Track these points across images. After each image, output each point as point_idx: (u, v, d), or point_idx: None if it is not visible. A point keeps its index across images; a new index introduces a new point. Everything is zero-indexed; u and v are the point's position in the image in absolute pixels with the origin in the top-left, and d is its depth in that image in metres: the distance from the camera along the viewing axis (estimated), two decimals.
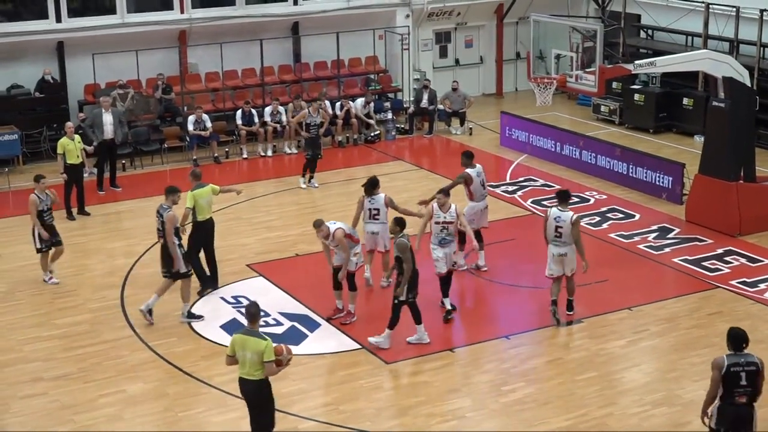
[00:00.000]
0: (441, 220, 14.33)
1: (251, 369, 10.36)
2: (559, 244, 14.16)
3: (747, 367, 9.69)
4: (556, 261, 14.26)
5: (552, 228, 14.16)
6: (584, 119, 25.89)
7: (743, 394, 9.72)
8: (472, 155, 16.46)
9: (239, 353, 10.38)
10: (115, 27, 23.44)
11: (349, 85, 25.87)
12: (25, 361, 13.40)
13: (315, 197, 20.27)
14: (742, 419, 9.81)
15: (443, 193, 14.56)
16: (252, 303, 10.73)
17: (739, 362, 9.69)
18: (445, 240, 14.39)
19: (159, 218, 14.19)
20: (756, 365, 9.72)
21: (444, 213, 14.35)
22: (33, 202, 15.63)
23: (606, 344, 13.78)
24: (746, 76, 17.71)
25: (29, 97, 22.89)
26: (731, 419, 9.80)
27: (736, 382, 9.67)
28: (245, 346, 10.34)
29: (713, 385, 9.78)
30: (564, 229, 14.05)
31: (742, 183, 17.81)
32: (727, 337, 9.95)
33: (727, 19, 23.55)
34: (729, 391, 9.71)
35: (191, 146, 22.51)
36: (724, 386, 9.72)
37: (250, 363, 10.33)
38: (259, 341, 10.30)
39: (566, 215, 14.12)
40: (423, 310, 13.66)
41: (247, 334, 10.41)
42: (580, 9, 28.17)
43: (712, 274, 16.08)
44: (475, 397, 12.42)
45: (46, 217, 15.75)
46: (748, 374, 9.67)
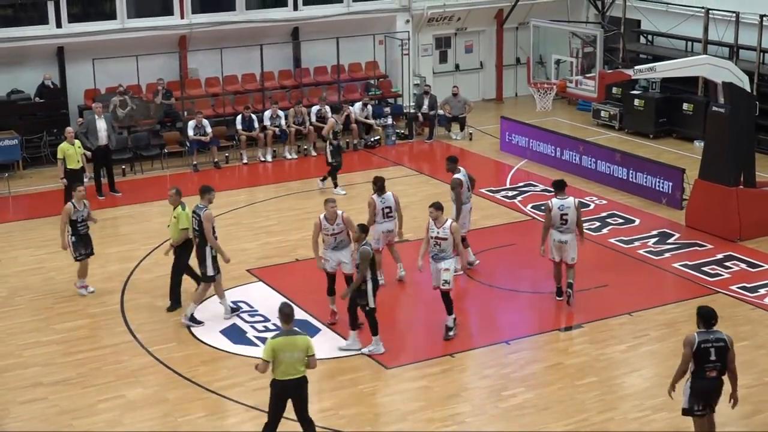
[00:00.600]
0: (434, 235, 13.88)
1: (292, 368, 10.43)
2: (563, 231, 14.72)
3: (716, 343, 10.27)
4: (556, 247, 14.84)
5: (558, 217, 14.67)
6: (584, 124, 25.89)
7: (713, 368, 10.28)
8: (456, 159, 16.50)
9: (280, 356, 10.38)
10: (115, 32, 23.46)
11: (349, 90, 25.89)
12: (25, 366, 13.39)
13: (315, 202, 20.24)
14: (712, 392, 10.42)
15: (434, 207, 13.97)
16: (285, 303, 10.85)
17: (708, 339, 10.26)
18: (437, 256, 13.90)
19: (195, 218, 14.24)
20: (724, 341, 10.30)
21: (438, 228, 13.84)
22: (66, 210, 15.40)
23: (606, 349, 13.77)
24: (746, 82, 17.73)
25: (29, 102, 22.90)
26: (702, 393, 10.38)
27: (706, 357, 10.22)
28: (290, 347, 10.39)
29: (684, 361, 10.32)
30: (569, 215, 14.64)
31: (742, 188, 17.81)
32: (697, 316, 10.50)
33: (726, 24, 23.56)
34: (700, 367, 10.26)
35: (191, 151, 22.53)
36: (695, 362, 10.25)
37: (291, 362, 10.40)
38: (303, 338, 10.54)
39: (568, 201, 14.75)
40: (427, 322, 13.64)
41: (288, 334, 10.50)
42: (580, 14, 28.21)
43: (712, 279, 16.07)
44: (475, 403, 12.41)
45: (80, 227, 15.49)
46: (717, 350, 10.24)
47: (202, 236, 14.17)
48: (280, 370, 10.44)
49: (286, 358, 10.38)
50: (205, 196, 14.36)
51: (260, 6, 25.42)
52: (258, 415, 12.10)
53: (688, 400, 10.46)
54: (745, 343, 13.84)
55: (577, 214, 14.75)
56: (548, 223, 14.82)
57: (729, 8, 23.36)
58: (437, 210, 13.93)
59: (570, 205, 14.71)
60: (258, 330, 14.36)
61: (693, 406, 10.46)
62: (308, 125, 23.58)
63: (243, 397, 12.49)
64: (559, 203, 14.75)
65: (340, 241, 14.27)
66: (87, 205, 15.60)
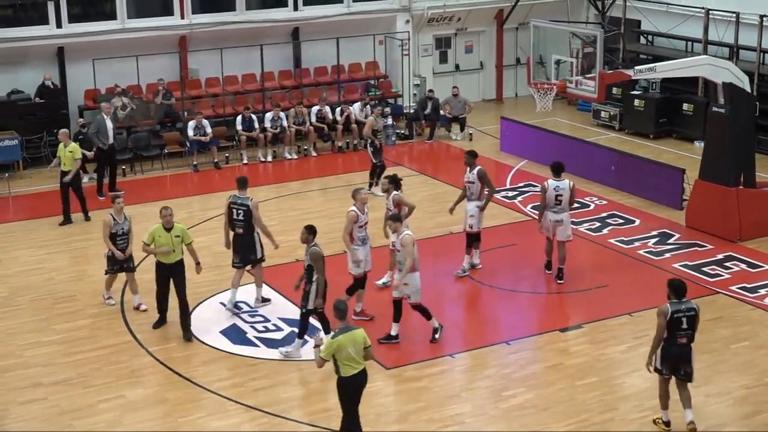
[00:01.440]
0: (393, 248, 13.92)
1: (354, 362, 10.60)
2: (558, 211, 15.64)
3: (688, 313, 11.16)
4: (552, 226, 15.74)
5: (552, 197, 15.57)
6: (584, 125, 25.90)
7: (684, 336, 11.20)
8: (476, 154, 16.49)
9: (343, 353, 10.50)
10: (115, 32, 23.46)
11: (349, 90, 25.89)
12: (25, 367, 13.39)
13: (315, 202, 20.28)
14: (682, 357, 11.28)
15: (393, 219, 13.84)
16: (340, 300, 10.99)
17: (681, 309, 11.14)
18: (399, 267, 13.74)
19: (237, 209, 14.63)
20: (694, 310, 11.21)
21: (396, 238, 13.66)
22: (106, 224, 14.91)
23: (606, 349, 13.77)
24: (746, 82, 17.73)
25: (29, 102, 22.90)
26: (673, 358, 11.25)
27: (678, 326, 11.13)
28: (351, 342, 10.54)
29: (659, 331, 11.14)
30: (564, 196, 15.54)
31: (742, 188, 17.81)
32: (669, 288, 11.26)
33: (727, 24, 23.57)
34: (672, 334, 11.15)
35: (191, 151, 22.54)
36: (668, 330, 11.12)
37: (350, 357, 10.55)
38: (359, 331, 10.69)
39: (564, 183, 15.63)
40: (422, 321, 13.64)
41: (348, 330, 10.62)
42: (580, 15, 28.22)
43: (712, 280, 16.07)
44: (475, 403, 12.41)
45: (119, 240, 14.91)
46: (688, 319, 11.14)
47: (249, 225, 14.69)
48: (347, 367, 10.59)
49: (349, 354, 10.53)
50: (244, 186, 14.90)
51: (260, 6, 25.43)
52: (258, 415, 12.12)
53: (660, 361, 11.33)
54: (745, 344, 13.86)
55: (571, 195, 15.62)
56: (544, 203, 15.62)
57: (729, 8, 23.37)
58: (395, 221, 13.76)
59: (565, 187, 15.57)
60: (258, 330, 14.37)
61: (663, 369, 11.37)
62: (308, 125, 23.58)
63: (243, 398, 12.50)
64: (555, 184, 15.60)
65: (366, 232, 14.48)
66: (127, 218, 15.05)
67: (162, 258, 13.99)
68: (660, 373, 11.45)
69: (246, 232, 14.75)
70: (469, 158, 16.24)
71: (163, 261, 14.02)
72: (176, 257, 13.99)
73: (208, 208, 19.98)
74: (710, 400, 12.40)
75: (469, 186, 16.01)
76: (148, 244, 13.94)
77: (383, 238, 15.56)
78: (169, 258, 13.94)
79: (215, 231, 18.44)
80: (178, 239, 13.95)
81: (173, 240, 13.89)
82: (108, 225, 14.84)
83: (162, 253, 13.91)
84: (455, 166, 23.02)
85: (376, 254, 15.19)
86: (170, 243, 13.86)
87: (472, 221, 16.00)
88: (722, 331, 14.29)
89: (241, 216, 14.68)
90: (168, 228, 13.90)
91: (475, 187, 15.95)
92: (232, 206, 14.74)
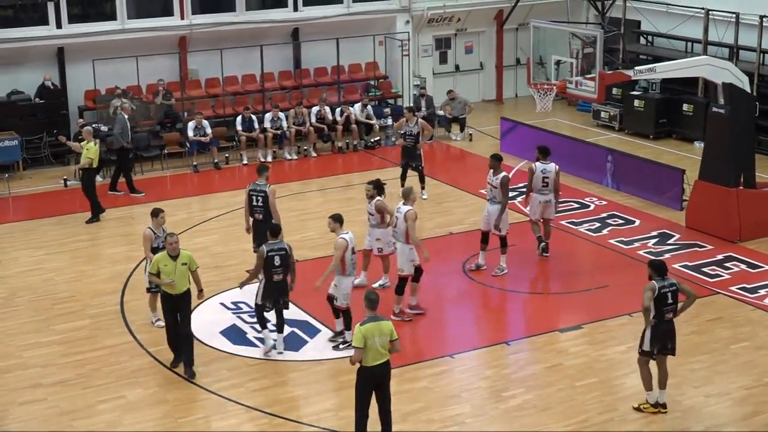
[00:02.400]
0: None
1: (378, 353, 10.73)
2: (545, 193, 16.38)
3: (670, 288, 11.74)
4: (540, 207, 16.42)
5: (539, 179, 16.31)
6: (584, 125, 25.89)
7: (670, 311, 11.76)
8: (501, 158, 16.46)
9: (369, 342, 10.66)
10: (115, 33, 23.46)
11: (349, 91, 25.88)
12: (24, 367, 13.39)
13: (315, 203, 20.28)
14: (670, 333, 11.87)
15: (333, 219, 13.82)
16: (371, 290, 11.28)
17: (665, 285, 11.72)
18: None
19: (256, 195, 15.16)
20: (675, 285, 11.82)
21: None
22: (146, 237, 14.14)
23: (606, 350, 13.77)
24: (746, 82, 17.73)
25: (29, 102, 22.89)
26: (663, 336, 11.79)
27: (665, 301, 11.68)
28: (378, 332, 10.69)
29: (647, 303, 11.63)
30: (550, 179, 16.31)
31: (742, 189, 17.81)
32: (651, 268, 11.85)
33: (726, 25, 23.56)
34: (659, 310, 11.67)
35: (191, 152, 22.54)
36: (655, 306, 11.63)
37: (377, 348, 10.69)
38: (386, 323, 10.88)
39: (550, 167, 16.40)
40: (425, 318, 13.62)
41: (376, 320, 10.80)
42: (580, 15, 28.21)
43: (712, 280, 16.07)
44: (475, 403, 12.40)
45: None
46: (672, 294, 11.73)
47: (267, 211, 15.17)
48: (370, 356, 10.73)
49: (374, 344, 10.67)
50: (263, 174, 15.35)
51: (260, 7, 25.42)
52: (258, 416, 12.12)
53: (650, 343, 11.80)
54: (745, 344, 13.86)
55: (557, 178, 16.37)
56: (531, 185, 16.29)
57: (729, 9, 23.35)
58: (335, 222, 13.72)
59: (552, 170, 16.37)
60: (258, 331, 14.34)
61: (653, 350, 11.82)
62: (308, 126, 23.58)
63: (243, 398, 12.49)
64: (542, 167, 16.38)
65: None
66: (165, 231, 14.00)
67: (168, 289, 12.91)
68: (649, 355, 11.87)
69: (264, 218, 15.20)
70: (494, 162, 16.19)
71: (169, 292, 12.93)
72: (183, 287, 12.91)
73: (208, 209, 19.98)
74: (710, 400, 12.40)
75: (491, 189, 16.07)
76: (153, 274, 12.97)
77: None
78: (175, 289, 12.88)
79: (214, 232, 18.48)
80: (185, 267, 12.89)
81: (178, 269, 12.82)
82: (149, 239, 14.08)
83: (166, 285, 12.90)
84: (455, 167, 23.06)
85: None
86: (175, 272, 12.77)
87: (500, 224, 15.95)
88: (722, 331, 14.29)
89: (260, 202, 15.24)
90: (174, 256, 12.86)
91: (497, 192, 15.97)
92: (251, 193, 15.30)
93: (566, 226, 18.55)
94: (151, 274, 13.15)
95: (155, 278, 13.00)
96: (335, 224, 13.65)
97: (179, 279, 12.83)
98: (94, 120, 22.94)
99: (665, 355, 11.94)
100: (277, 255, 13.19)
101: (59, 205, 20.09)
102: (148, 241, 14.12)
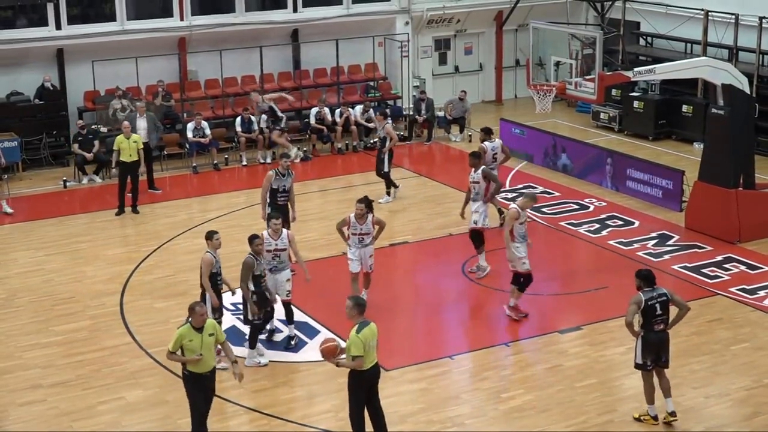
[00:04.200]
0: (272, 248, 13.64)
1: (373, 355, 10.76)
2: (493, 168, 17.41)
3: (659, 299, 11.50)
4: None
5: (491, 156, 17.78)
6: (584, 126, 25.90)
7: (660, 321, 11.53)
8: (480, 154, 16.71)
9: (367, 347, 10.60)
10: (114, 34, 23.46)
11: (348, 92, 25.89)
12: (24, 368, 13.39)
13: (315, 204, 20.27)
14: (661, 344, 11.61)
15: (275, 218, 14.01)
16: (360, 297, 11.40)
17: (653, 296, 11.50)
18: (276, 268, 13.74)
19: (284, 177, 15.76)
20: (666, 295, 11.56)
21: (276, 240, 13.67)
22: (207, 263, 12.92)
23: (606, 351, 13.77)
24: (745, 83, 17.73)
25: (29, 104, 22.90)
26: (653, 346, 11.55)
27: (653, 312, 11.45)
28: (372, 335, 10.70)
29: (630, 315, 11.45)
30: (498, 154, 18.05)
31: (742, 190, 17.81)
32: (639, 278, 11.65)
33: (726, 26, 23.57)
34: (648, 321, 11.49)
35: (191, 153, 22.54)
36: (644, 318, 11.45)
37: (371, 352, 10.70)
38: (374, 324, 10.81)
39: (496, 143, 18.26)
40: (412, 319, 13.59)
41: (367, 324, 10.69)
42: (580, 16, 28.21)
43: (711, 281, 16.07)
44: (475, 404, 12.41)
45: (219, 280, 13.17)
46: (661, 304, 11.49)
47: None
48: (369, 360, 10.69)
49: (370, 348, 10.67)
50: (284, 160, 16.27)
51: (260, 8, 25.43)
52: (258, 417, 12.12)
53: (641, 355, 11.60)
54: (745, 345, 13.86)
55: (503, 150, 18.28)
56: (484, 161, 16.97)
57: (728, 10, 23.36)
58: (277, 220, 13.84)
59: (498, 146, 18.19)
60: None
61: (645, 362, 11.58)
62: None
63: (242, 400, 12.50)
64: (491, 145, 18.00)
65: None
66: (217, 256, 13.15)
67: (193, 367, 10.90)
68: (643, 367, 11.66)
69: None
70: (473, 159, 16.38)
71: (194, 371, 10.89)
72: (210, 364, 10.96)
73: (208, 210, 19.99)
74: (710, 401, 12.41)
75: (474, 186, 16.23)
76: (173, 352, 10.85)
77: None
78: (202, 366, 10.88)
79: None
80: (212, 338, 10.91)
81: (205, 341, 10.81)
82: (209, 264, 12.89)
83: (192, 362, 10.87)
84: (454, 168, 23.05)
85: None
86: (201, 347, 10.78)
87: (476, 216, 16.15)
88: (722, 332, 14.29)
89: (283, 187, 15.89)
90: (199, 328, 10.84)
91: (480, 187, 16.18)
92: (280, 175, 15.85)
93: (566, 227, 18.56)
94: (170, 353, 10.85)
95: (175, 357, 10.88)
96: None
97: (207, 353, 10.88)
98: (93, 121, 23.00)
99: (660, 367, 11.70)
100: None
101: (59, 206, 20.09)
102: (209, 267, 12.87)
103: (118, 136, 19.63)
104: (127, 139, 19.40)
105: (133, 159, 19.43)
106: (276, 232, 13.71)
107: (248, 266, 13.11)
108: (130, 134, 19.51)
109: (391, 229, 17.36)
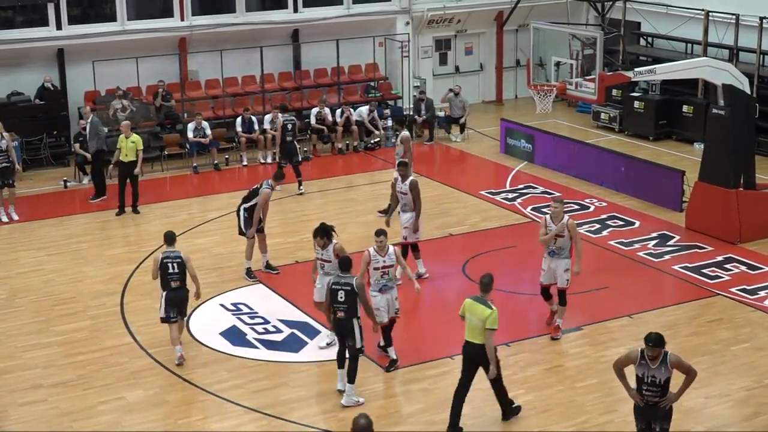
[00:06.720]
0: (380, 265, 12.93)
1: (472, 333, 11.37)
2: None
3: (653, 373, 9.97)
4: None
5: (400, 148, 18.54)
6: (584, 126, 25.90)
7: (654, 396, 10.07)
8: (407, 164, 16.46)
9: (467, 316, 11.40)
10: (115, 34, 23.46)
11: (349, 92, 25.89)
12: (25, 368, 13.38)
13: (315, 204, 20.27)
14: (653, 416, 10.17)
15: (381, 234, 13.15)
16: (487, 274, 11.61)
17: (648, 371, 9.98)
18: (386, 286, 13.09)
19: (171, 262, 13.18)
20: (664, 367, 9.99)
21: (383, 257, 12.97)
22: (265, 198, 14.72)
23: (606, 351, 13.76)
24: (746, 84, 17.73)
25: (29, 104, 22.89)
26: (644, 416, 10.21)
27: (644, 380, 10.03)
28: (472, 310, 11.33)
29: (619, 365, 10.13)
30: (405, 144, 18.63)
31: (742, 190, 17.80)
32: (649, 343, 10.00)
33: (726, 26, 23.57)
34: (639, 389, 10.10)
35: (191, 153, 22.54)
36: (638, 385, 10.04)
37: (472, 328, 11.32)
38: (483, 308, 11.26)
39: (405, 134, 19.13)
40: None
41: (477, 300, 11.38)
42: (580, 17, 28.21)
43: (712, 282, 16.07)
44: (475, 405, 12.38)
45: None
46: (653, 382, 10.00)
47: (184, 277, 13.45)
48: (467, 331, 11.43)
49: (470, 321, 11.32)
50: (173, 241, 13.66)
51: (260, 8, 25.43)
52: (258, 417, 12.12)
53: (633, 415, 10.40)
54: (745, 345, 13.86)
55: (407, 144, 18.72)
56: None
57: (729, 10, 23.36)
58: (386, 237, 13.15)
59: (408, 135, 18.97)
60: (258, 332, 14.36)
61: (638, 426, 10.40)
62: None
63: (243, 399, 12.49)
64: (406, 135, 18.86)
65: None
66: None
67: None
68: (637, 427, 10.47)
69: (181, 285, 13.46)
70: (402, 169, 16.04)
71: None
72: None
73: (208, 210, 19.98)
74: (710, 401, 12.40)
75: (401, 197, 15.91)
76: None
77: None
78: None
79: (215, 233, 18.49)
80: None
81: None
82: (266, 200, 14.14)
83: None
84: (455, 168, 23.09)
85: None
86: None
87: (406, 232, 15.83)
88: (722, 332, 14.29)
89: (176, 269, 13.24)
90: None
91: (408, 198, 15.83)
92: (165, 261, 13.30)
93: None
94: None
95: None
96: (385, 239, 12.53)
97: None
98: None
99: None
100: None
101: (59, 207, 20.09)
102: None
103: (120, 136, 19.63)
104: (126, 138, 19.37)
105: (129, 159, 19.34)
106: (382, 248, 12.96)
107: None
108: (130, 134, 19.47)
109: (392, 229, 17.28)
